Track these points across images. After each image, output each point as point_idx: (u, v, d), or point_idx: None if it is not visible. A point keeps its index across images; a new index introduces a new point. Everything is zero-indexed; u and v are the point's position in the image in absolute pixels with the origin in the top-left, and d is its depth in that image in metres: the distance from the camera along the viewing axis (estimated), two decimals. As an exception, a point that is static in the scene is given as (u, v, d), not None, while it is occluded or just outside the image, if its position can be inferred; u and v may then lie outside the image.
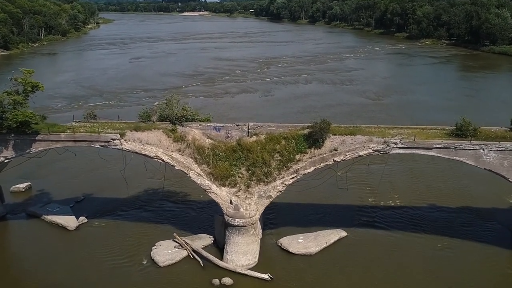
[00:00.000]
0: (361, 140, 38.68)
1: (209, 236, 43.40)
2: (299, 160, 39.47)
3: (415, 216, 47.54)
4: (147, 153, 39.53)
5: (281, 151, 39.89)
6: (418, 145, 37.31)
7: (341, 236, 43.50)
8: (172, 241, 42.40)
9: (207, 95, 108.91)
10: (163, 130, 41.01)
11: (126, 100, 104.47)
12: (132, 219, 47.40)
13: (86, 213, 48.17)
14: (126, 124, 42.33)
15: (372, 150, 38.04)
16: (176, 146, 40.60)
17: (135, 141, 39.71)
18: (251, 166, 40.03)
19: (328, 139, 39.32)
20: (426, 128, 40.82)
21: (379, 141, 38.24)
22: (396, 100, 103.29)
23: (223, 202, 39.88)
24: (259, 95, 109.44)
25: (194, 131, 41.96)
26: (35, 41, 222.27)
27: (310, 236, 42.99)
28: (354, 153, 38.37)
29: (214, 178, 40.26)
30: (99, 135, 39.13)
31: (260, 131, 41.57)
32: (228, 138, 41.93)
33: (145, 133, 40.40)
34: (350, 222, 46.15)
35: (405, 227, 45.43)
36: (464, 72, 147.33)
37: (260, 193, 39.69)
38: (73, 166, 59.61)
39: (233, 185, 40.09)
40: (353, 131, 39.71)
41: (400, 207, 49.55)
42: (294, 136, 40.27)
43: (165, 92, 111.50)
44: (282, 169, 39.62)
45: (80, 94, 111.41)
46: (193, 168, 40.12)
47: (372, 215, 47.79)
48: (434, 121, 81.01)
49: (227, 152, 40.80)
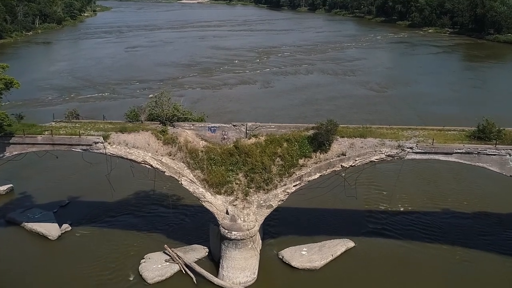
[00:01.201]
0: (372, 144, 34.68)
1: (203, 247, 39.61)
2: (303, 165, 35.51)
3: (427, 223, 43.76)
4: (133, 158, 35.54)
5: (283, 155, 35.92)
6: (437, 149, 33.29)
7: (348, 247, 39.71)
8: (162, 253, 38.62)
9: (204, 86, 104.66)
10: (152, 131, 37.00)
11: (119, 92, 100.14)
12: (120, 227, 43.57)
13: (70, 220, 44.34)
14: (111, 125, 38.26)
15: (384, 155, 34.04)
16: (167, 149, 36.61)
17: (121, 144, 35.69)
18: (249, 172, 36.10)
19: (335, 142, 35.34)
20: (444, 129, 36.73)
21: (392, 144, 34.24)
22: (401, 92, 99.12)
23: (218, 212, 36.00)
24: (258, 86, 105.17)
25: (187, 132, 37.96)
26: (29, 30, 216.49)
27: (314, 248, 39.21)
28: (364, 159, 34.37)
29: (208, 185, 36.34)
30: (80, 138, 35.09)
31: (260, 132, 37.53)
32: (224, 140, 37.93)
33: (131, 135, 36.36)
34: (358, 230, 42.36)
35: (417, 235, 41.64)
36: (469, 62, 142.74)
37: (259, 202, 35.77)
38: (60, 165, 55.45)
39: (230, 193, 36.18)
40: (363, 133, 35.69)
41: (411, 212, 45.73)
42: (297, 138, 36.26)
43: (160, 83, 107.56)
44: (284, 175, 35.68)
45: (73, 85, 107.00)
46: (185, 174, 36.15)
47: (381, 222, 43.97)
48: (442, 115, 77.80)
49: (223, 155, 36.84)
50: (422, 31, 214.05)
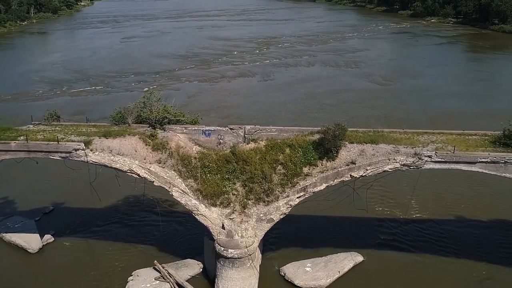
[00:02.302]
0: (385, 151, 30.98)
1: (197, 262, 36.07)
2: (307, 174, 31.83)
3: (442, 233, 40.24)
4: (118, 167, 31.80)
5: (285, 162, 32.24)
6: (459, 158, 29.59)
7: (356, 262, 36.18)
8: (152, 269, 35.10)
9: (202, 79, 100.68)
10: (140, 135, 33.25)
11: (113, 85, 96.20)
12: (107, 237, 40.02)
13: (54, 229, 40.80)
14: (95, 128, 34.52)
15: (399, 164, 30.34)
16: (156, 156, 32.90)
17: (104, 151, 31.94)
18: (248, 181, 32.44)
19: (344, 148, 31.65)
20: (464, 133, 33.05)
21: (408, 152, 30.55)
22: (405, 85, 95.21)
23: (213, 227, 32.39)
24: (258, 79, 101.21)
25: (179, 136, 34.25)
26: (24, 20, 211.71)
27: (319, 263, 35.68)
28: (376, 168, 30.68)
29: (202, 196, 32.68)
30: (58, 145, 31.34)
31: (259, 136, 33.80)
32: (220, 145, 34.23)
33: (117, 140, 32.61)
34: (366, 242, 38.82)
35: (431, 248, 38.11)
36: (474, 53, 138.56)
37: (259, 216, 32.15)
38: (45, 167, 51.32)
39: (226, 204, 32.53)
40: (374, 138, 31.99)
41: (423, 220, 42.22)
42: (301, 144, 32.55)
43: (156, 75, 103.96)
44: (286, 185, 32.01)
45: (65, 78, 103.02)
46: (177, 184, 32.47)
47: (391, 232, 40.44)
48: (450, 110, 74.19)
49: (219, 162, 33.16)
50: (425, 21, 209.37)
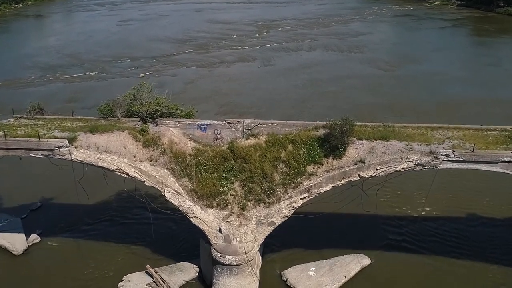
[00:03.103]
0: (397, 149, 28.33)
1: (193, 266, 33.69)
2: (311, 173, 29.23)
3: (454, 232, 37.80)
4: (105, 166, 29.20)
5: (288, 160, 29.64)
6: (479, 158, 26.95)
7: (363, 265, 33.80)
8: (144, 273, 32.73)
9: (200, 64, 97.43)
10: (130, 131, 30.59)
11: (108, 71, 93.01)
12: (97, 237, 37.63)
13: (41, 228, 38.45)
14: (81, 122, 31.85)
15: (413, 163, 27.72)
16: (147, 153, 30.27)
17: (90, 149, 29.29)
18: (247, 181, 29.88)
19: (352, 146, 29.01)
20: (482, 128, 30.39)
21: (422, 150, 27.90)
22: (411, 71, 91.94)
23: (209, 230, 29.91)
24: (258, 64, 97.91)
25: (172, 131, 31.59)
26: (19, 2, 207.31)
27: (324, 266, 33.29)
28: (388, 167, 28.06)
29: (197, 197, 30.14)
30: (40, 142, 28.69)
31: (260, 131, 31.14)
32: (217, 141, 31.59)
33: (104, 136, 29.94)
34: (374, 243, 36.42)
35: (443, 249, 35.70)
36: (480, 37, 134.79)
37: (259, 218, 29.65)
38: (34, 159, 48.90)
39: (223, 206, 30.01)
40: (385, 134, 29.34)
41: (434, 219, 39.73)
42: (304, 140, 29.91)
43: (153, 60, 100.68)
44: (288, 185, 29.44)
45: (59, 63, 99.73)
46: (169, 184, 29.89)
47: (400, 232, 37.99)
48: (459, 97, 71.25)
49: (216, 160, 30.57)
50: (428, 3, 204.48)
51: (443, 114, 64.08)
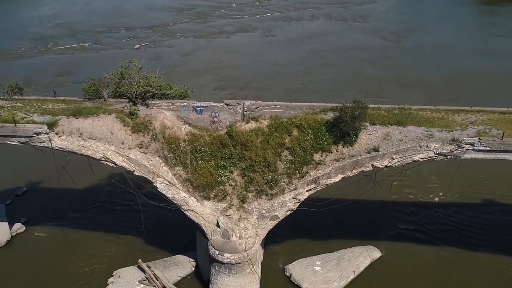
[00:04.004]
0: (415, 135, 25.35)
1: (189, 260, 31.14)
2: (319, 162, 26.33)
3: (472, 220, 35.21)
4: (90, 154, 26.27)
5: (293, 147, 26.72)
6: (508, 146, 23.97)
7: (373, 258, 31.24)
8: (137, 268, 30.20)
9: (198, 35, 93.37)
10: (117, 114, 27.54)
11: (102, 41, 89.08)
12: (86, 226, 35.01)
13: (26, 216, 35.85)
14: (63, 104, 28.77)
15: (433, 153, 24.75)
16: (136, 139, 27.30)
17: (73, 135, 26.30)
18: (247, 170, 27.02)
19: (364, 131, 26.02)
20: (508, 111, 27.26)
21: (443, 137, 24.92)
22: (418, 42, 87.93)
23: (206, 224, 27.19)
24: (258, 35, 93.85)
25: (164, 113, 28.56)
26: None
27: (330, 260, 30.74)
28: (404, 157, 25.13)
29: (193, 188, 27.31)
30: (16, 127, 25.67)
31: (261, 114, 28.11)
32: (215, 124, 28.60)
33: (89, 120, 26.91)
34: (384, 233, 33.84)
35: (459, 239, 33.15)
36: (489, 6, 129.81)
37: (261, 212, 26.88)
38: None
39: (222, 198, 27.22)
40: (401, 118, 26.31)
41: (449, 204, 37.05)
42: (311, 124, 26.92)
43: (149, 31, 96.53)
44: (293, 175, 26.58)
45: (51, 33, 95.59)
46: (162, 174, 27.02)
47: (412, 220, 35.33)
48: (471, 70, 67.71)
49: (213, 146, 27.64)
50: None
51: (454, 89, 61.00)
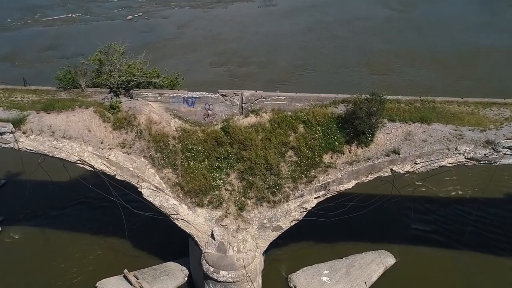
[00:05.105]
0: (441, 135, 21.72)
1: (182, 268, 27.93)
2: (329, 165, 22.80)
3: (493, 220, 31.78)
4: (63, 156, 22.71)
5: (298, 146, 23.17)
6: (555, 152, 20.41)
7: (386, 266, 28.04)
8: (122, 278, 27.02)
9: (194, 4, 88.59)
10: (96, 108, 23.87)
11: (93, 12, 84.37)
12: (68, 226, 31.78)
13: (3, 214, 32.63)
14: (35, 95, 25.06)
15: (464, 157, 21.15)
16: (118, 137, 23.71)
17: (44, 134, 22.68)
18: (246, 173, 23.53)
19: (382, 129, 22.40)
20: (548, 105, 23.62)
21: (476, 138, 21.29)
22: (427, 13, 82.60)
23: (199, 235, 23.83)
24: (258, 4, 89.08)
25: (151, 105, 24.90)
26: None
27: (339, 268, 27.53)
28: (430, 162, 21.54)
29: (183, 193, 23.85)
30: (-26, 127, 22.08)
31: (262, 106, 24.46)
32: (209, 118, 25.00)
33: (62, 115, 23.25)
34: (397, 235, 30.53)
35: (481, 242, 29.77)
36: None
37: (262, 222, 23.49)
38: None
39: (217, 205, 23.79)
40: (425, 113, 22.62)
41: (467, 201, 33.68)
42: (320, 120, 23.33)
43: (142, 0, 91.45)
44: (299, 180, 23.09)
45: (39, 3, 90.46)
46: (148, 177, 23.49)
47: (427, 219, 32.00)
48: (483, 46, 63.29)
49: (207, 144, 24.10)
50: None
51: (468, 67, 56.75)
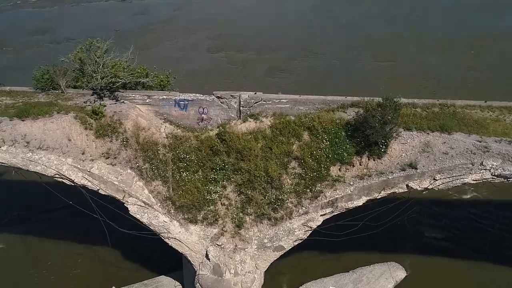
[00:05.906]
0: (464, 147, 19.28)
1: (175, 284, 25.76)
2: (337, 179, 20.40)
3: (509, 224, 29.51)
4: (39, 170, 20.28)
5: (303, 157, 20.75)
6: None
7: (397, 280, 25.90)
8: (111, 296, 24.92)
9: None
10: (77, 113, 21.38)
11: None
12: (54, 234, 29.63)
13: (-16, 219, 30.31)
14: (9, 98, 22.55)
15: (490, 174, 18.73)
16: (102, 146, 21.26)
17: (17, 144, 20.21)
18: (245, 186, 21.15)
19: (397, 140, 19.94)
20: None
21: (503, 151, 18.85)
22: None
23: (193, 254, 21.56)
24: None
25: (138, 109, 22.40)
26: None
27: (346, 284, 25.42)
28: (451, 178, 19.14)
29: (175, 209, 21.50)
30: None
31: (262, 110, 21.98)
32: (203, 123, 22.52)
33: (39, 123, 20.75)
34: (407, 243, 28.27)
35: (499, 251, 27.42)
36: None
37: (262, 241, 21.20)
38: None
39: (212, 221, 21.46)
40: (445, 121, 20.16)
41: (481, 203, 31.32)
42: (326, 127, 20.88)
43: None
44: (303, 195, 20.73)
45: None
46: (135, 192, 21.10)
47: (438, 225, 29.71)
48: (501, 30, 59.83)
49: (200, 153, 21.66)
50: None
51: (483, 55, 53.38)
